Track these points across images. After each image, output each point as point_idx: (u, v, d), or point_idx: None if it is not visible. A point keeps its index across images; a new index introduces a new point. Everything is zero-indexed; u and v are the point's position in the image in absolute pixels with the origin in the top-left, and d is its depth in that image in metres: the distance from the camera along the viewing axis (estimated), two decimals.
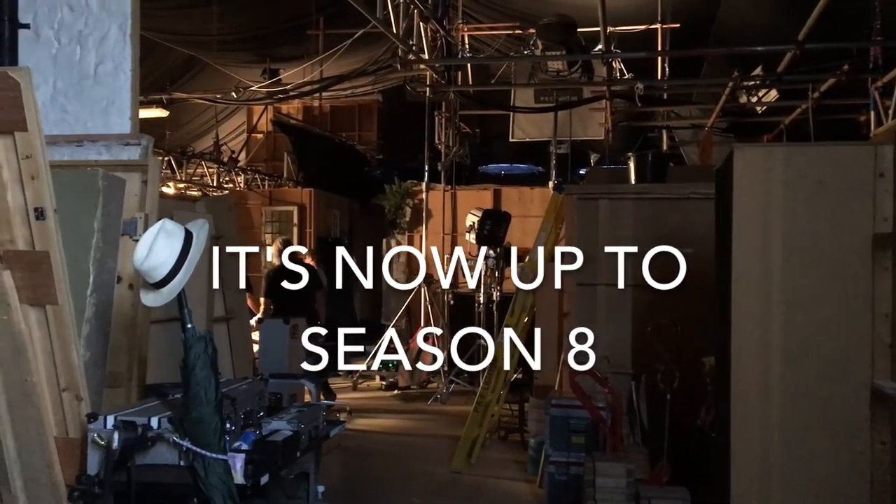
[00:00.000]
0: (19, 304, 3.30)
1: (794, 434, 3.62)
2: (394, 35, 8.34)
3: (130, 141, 4.41)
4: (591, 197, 6.12)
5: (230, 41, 11.88)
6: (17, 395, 3.33)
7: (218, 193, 13.97)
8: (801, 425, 3.61)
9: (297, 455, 3.57)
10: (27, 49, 4.44)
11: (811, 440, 3.60)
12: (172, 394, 3.40)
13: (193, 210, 6.82)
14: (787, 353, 3.65)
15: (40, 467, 3.37)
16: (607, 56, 9.12)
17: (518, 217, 10.20)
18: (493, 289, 9.80)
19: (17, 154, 3.23)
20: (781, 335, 3.66)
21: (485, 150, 13.01)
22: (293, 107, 15.54)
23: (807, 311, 3.63)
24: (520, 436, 7.38)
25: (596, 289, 5.98)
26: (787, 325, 3.64)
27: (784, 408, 3.64)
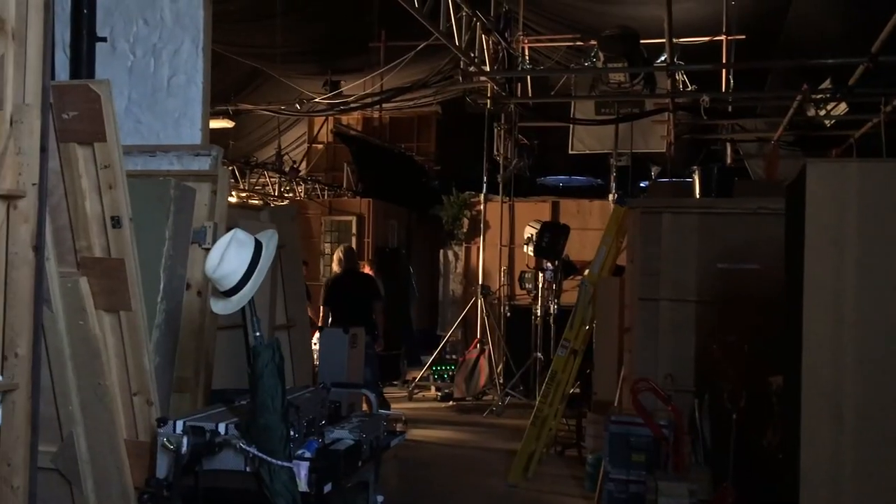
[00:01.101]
0: (95, 309, 3.40)
1: (868, 456, 3.50)
2: (456, 47, 8.38)
3: (201, 151, 4.51)
4: (654, 210, 6.03)
5: (293, 53, 12.09)
6: (90, 398, 3.43)
7: (279, 203, 14.20)
8: (876, 447, 3.49)
9: (358, 464, 3.58)
10: (104, 62, 4.60)
11: (886, 463, 3.48)
12: (238, 400, 3.46)
13: (258, 219, 6.92)
14: (860, 373, 3.53)
15: (111, 469, 3.46)
16: (672, 68, 9.01)
17: (577, 230, 10.12)
18: (551, 301, 9.73)
19: (95, 164, 3.34)
20: (855, 355, 3.55)
21: (543, 162, 12.96)
22: (353, 118, 15.72)
23: (881, 330, 3.51)
24: (577, 451, 7.29)
25: (658, 304, 5.89)
26: (861, 344, 3.53)
27: (857, 429, 3.53)
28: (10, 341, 3.12)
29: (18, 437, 3.10)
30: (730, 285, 5.70)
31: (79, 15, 4.36)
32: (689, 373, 5.78)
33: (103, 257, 3.40)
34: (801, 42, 9.29)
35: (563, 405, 7.05)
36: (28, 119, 3.12)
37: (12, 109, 3.17)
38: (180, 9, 4.68)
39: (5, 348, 3.13)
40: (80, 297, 3.36)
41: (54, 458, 3.40)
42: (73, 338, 3.38)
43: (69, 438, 3.39)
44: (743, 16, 9.71)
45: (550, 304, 9.74)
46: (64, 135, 3.36)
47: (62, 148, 3.37)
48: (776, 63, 9.82)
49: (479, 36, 9.35)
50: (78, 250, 3.42)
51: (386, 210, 14.12)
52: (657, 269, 5.90)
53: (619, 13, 9.96)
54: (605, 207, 11.14)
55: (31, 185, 3.12)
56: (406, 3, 7.17)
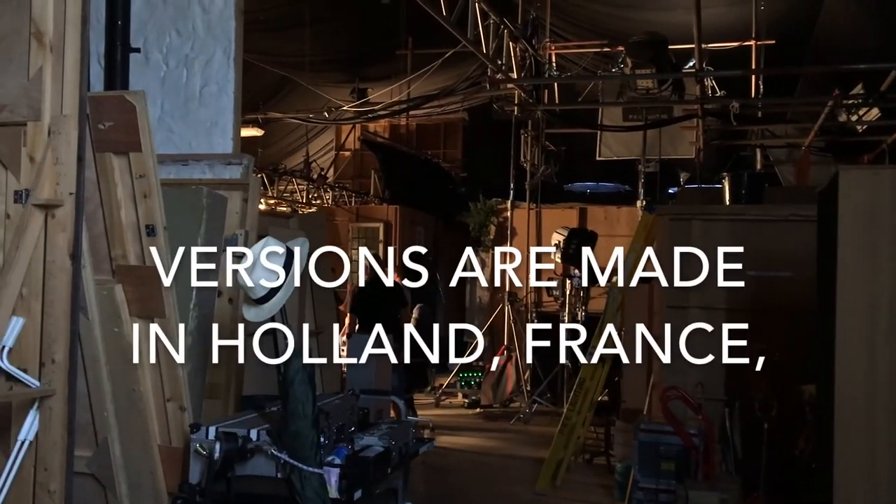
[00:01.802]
0: (129, 316, 3.46)
1: None
2: (483, 55, 8.41)
3: (232, 160, 4.57)
4: (683, 217, 5.99)
5: (321, 62, 12.19)
6: (124, 404, 3.49)
7: (307, 210, 14.30)
8: None
9: (388, 471, 3.60)
10: (137, 72, 4.68)
11: None
12: (269, 406, 3.49)
13: (287, 227, 7.00)
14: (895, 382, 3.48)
15: (144, 474, 3.51)
16: (701, 74, 8.95)
17: (604, 236, 10.06)
18: (578, 309, 9.69)
19: (131, 173, 3.40)
20: (889, 364, 3.50)
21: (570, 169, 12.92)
22: (380, 125, 15.80)
23: None
24: (605, 459, 7.25)
25: (688, 311, 5.85)
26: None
27: (892, 439, 3.48)
28: (47, 348, 3.18)
29: (55, 443, 3.15)
30: (760, 293, 5.64)
31: (113, 27, 4.43)
32: (719, 381, 5.73)
33: (138, 265, 3.45)
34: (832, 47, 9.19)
35: (592, 413, 7.01)
36: (65, 130, 3.19)
37: (50, 120, 3.23)
38: (212, 20, 4.75)
39: (42, 355, 3.19)
40: (115, 304, 3.41)
41: (89, 463, 3.45)
42: (109, 344, 3.43)
43: (104, 444, 3.44)
44: (773, 21, 9.64)
45: (578, 311, 9.69)
46: (100, 145, 3.42)
47: (98, 158, 3.43)
48: (807, 69, 9.72)
49: (506, 43, 9.37)
50: (113, 258, 3.48)
51: (413, 217, 14.16)
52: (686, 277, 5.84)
53: (646, 19, 9.93)
54: (633, 214, 11.07)
55: (68, 194, 3.18)
56: (434, 12, 7.21)
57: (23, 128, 3.27)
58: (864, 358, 3.54)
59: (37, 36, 3.28)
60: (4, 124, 3.30)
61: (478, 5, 8.26)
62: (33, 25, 3.29)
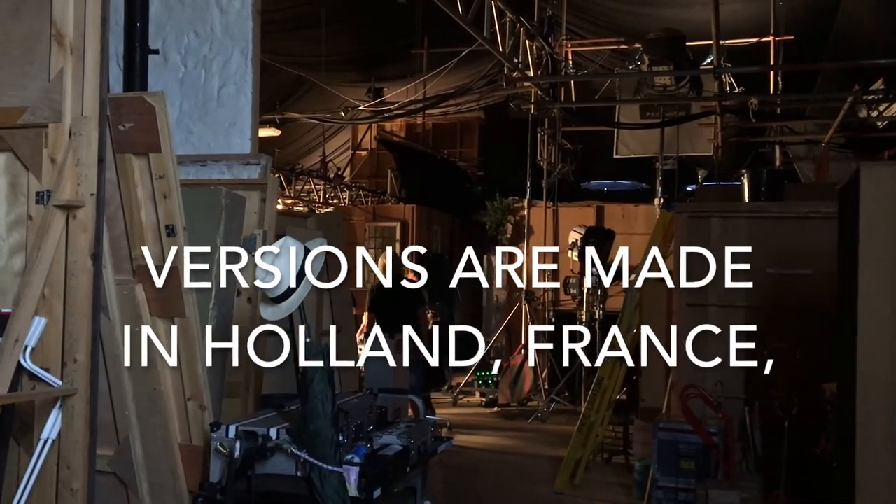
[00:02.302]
0: (150, 316, 3.48)
1: None
2: (500, 53, 8.39)
3: (251, 160, 4.58)
4: (702, 215, 5.96)
5: (337, 62, 12.21)
6: (145, 404, 3.51)
7: (323, 209, 14.34)
8: None
9: (406, 470, 3.61)
10: (156, 73, 4.71)
11: None
12: (288, 405, 3.50)
13: (304, 226, 7.01)
14: None
15: (165, 473, 3.53)
16: (719, 71, 8.89)
17: (622, 234, 10.03)
18: (596, 307, 9.66)
19: (150, 174, 3.42)
20: None
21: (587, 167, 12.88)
22: (396, 124, 15.82)
23: None
24: (624, 458, 7.23)
25: (707, 309, 5.81)
26: None
27: None
28: (69, 347, 3.21)
29: (77, 442, 3.18)
30: (780, 291, 5.61)
31: (132, 28, 4.46)
32: (739, 380, 5.70)
33: (158, 265, 3.47)
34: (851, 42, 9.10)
35: (610, 412, 6.99)
36: (86, 131, 3.22)
37: (71, 122, 3.26)
38: (230, 20, 4.77)
39: (65, 354, 3.22)
40: (135, 304, 3.44)
41: (111, 462, 3.48)
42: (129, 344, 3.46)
43: (125, 442, 3.46)
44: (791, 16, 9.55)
45: (595, 309, 9.66)
46: (120, 146, 3.45)
47: (118, 159, 3.46)
48: (826, 65, 9.63)
49: (522, 41, 9.35)
50: (134, 258, 3.50)
51: (429, 216, 14.17)
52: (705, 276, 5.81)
53: (663, 15, 9.87)
54: (650, 212, 11.02)
55: (89, 195, 3.21)
56: (450, 10, 7.20)
57: (44, 129, 3.31)
58: (886, 355, 3.50)
59: (57, 38, 3.31)
60: (26, 126, 3.33)
61: (494, 4, 8.25)
62: (54, 27, 3.33)
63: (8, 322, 3.12)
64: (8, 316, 3.17)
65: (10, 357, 3.05)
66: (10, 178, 3.40)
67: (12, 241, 3.39)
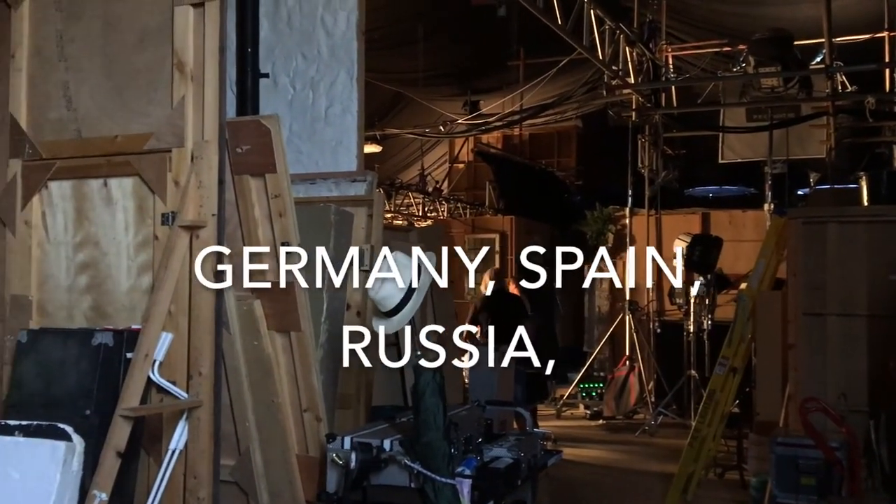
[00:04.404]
0: (267, 330, 3.60)
1: None
2: (599, 61, 8.31)
3: (357, 177, 4.70)
4: (817, 220, 5.72)
5: (434, 76, 12.37)
6: (264, 415, 3.63)
7: (422, 223, 14.50)
8: None
9: (517, 483, 3.59)
10: (266, 96, 4.89)
11: None
12: (398, 417, 3.55)
13: (406, 240, 7.11)
14: None
15: (283, 482, 3.64)
16: (830, 70, 8.52)
17: (730, 242, 9.70)
18: (704, 317, 9.38)
19: (267, 194, 3.55)
20: None
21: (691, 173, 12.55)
22: (493, 136, 15.85)
23: None
24: (738, 474, 6.98)
25: (825, 319, 5.57)
26: None
27: None
28: (194, 361, 3.36)
29: (203, 451, 3.32)
30: None
31: (243, 54, 4.65)
32: (861, 392, 5.43)
33: (275, 281, 3.60)
34: None
35: (723, 425, 6.76)
36: (207, 155, 3.37)
37: (193, 146, 3.43)
38: (335, 42, 4.91)
39: (190, 368, 3.37)
40: (254, 319, 3.57)
41: (233, 472, 3.61)
42: (249, 357, 3.59)
43: (246, 453, 3.59)
44: None
45: (703, 319, 9.38)
46: (238, 167, 3.60)
47: (236, 180, 3.61)
48: None
49: (622, 48, 9.23)
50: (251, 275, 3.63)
51: (528, 227, 14.11)
52: (822, 283, 5.60)
53: (768, 15, 9.55)
54: (759, 218, 10.64)
55: (210, 215, 3.36)
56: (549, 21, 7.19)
57: (168, 154, 3.49)
58: None
59: (179, 67, 3.49)
60: (151, 151, 3.52)
61: (593, 12, 8.18)
62: (175, 57, 3.51)
63: (138, 338, 3.30)
64: (138, 332, 3.34)
65: (141, 371, 3.22)
66: (137, 201, 3.60)
67: (140, 260, 3.58)
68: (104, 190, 3.67)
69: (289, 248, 3.55)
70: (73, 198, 3.77)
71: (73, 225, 3.77)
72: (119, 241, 3.64)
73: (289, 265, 3.56)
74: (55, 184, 3.80)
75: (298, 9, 4.99)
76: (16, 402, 3.56)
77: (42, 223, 3.83)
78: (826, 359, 5.53)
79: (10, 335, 3.77)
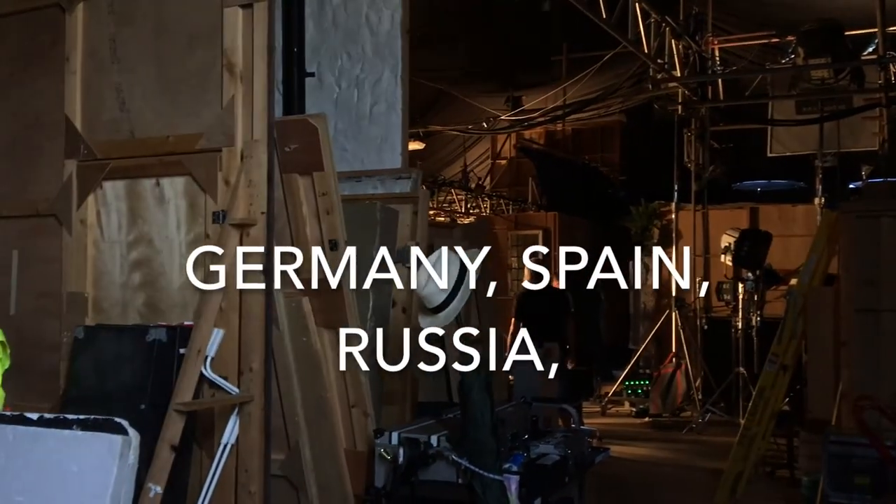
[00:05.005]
0: (315, 326, 3.64)
1: None
2: (645, 55, 8.22)
3: (402, 175, 4.73)
4: (871, 214, 5.59)
5: (475, 73, 12.35)
6: (313, 410, 3.68)
7: (465, 219, 14.51)
8: None
9: (565, 480, 3.58)
10: (312, 95, 4.94)
11: None
12: (444, 413, 3.56)
13: (450, 236, 7.13)
14: None
15: (332, 477, 3.68)
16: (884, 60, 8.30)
17: (779, 237, 9.53)
18: (753, 313, 9.23)
19: (314, 192, 3.59)
20: None
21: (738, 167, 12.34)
22: (535, 131, 15.79)
23: None
24: (789, 472, 6.86)
25: (879, 315, 5.44)
26: None
27: None
28: (245, 357, 3.41)
29: (254, 446, 3.37)
30: None
31: (290, 53, 4.70)
32: None
33: (322, 278, 3.63)
34: None
35: (773, 423, 6.65)
36: (257, 153, 3.42)
37: (242, 145, 3.48)
38: (380, 41, 4.94)
39: (241, 363, 3.42)
40: (302, 315, 3.61)
41: (283, 466, 3.66)
42: (298, 353, 3.64)
43: (295, 447, 3.64)
44: None
45: (752, 315, 9.23)
46: (286, 166, 3.64)
47: (285, 178, 3.66)
48: None
49: (668, 41, 9.11)
50: (300, 272, 3.68)
51: (572, 223, 14.03)
52: (876, 278, 5.48)
53: (818, 5, 9.34)
54: (809, 212, 10.43)
55: (260, 213, 3.41)
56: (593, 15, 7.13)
57: (218, 153, 3.55)
58: None
59: (228, 67, 3.54)
60: (202, 151, 3.59)
61: (638, 5, 8.10)
62: (225, 58, 3.56)
63: (191, 334, 3.36)
64: (190, 328, 3.41)
65: (194, 367, 3.29)
66: (188, 199, 3.67)
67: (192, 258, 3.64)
68: (157, 189, 3.75)
69: (336, 245, 3.58)
70: (127, 197, 3.85)
71: (127, 224, 3.85)
72: (171, 239, 3.71)
73: (336, 262, 3.59)
74: (109, 184, 3.89)
75: (343, 8, 5.03)
76: (73, 396, 3.66)
77: (97, 222, 3.93)
78: (880, 356, 5.41)
79: (67, 331, 3.88)
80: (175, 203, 3.70)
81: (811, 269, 6.30)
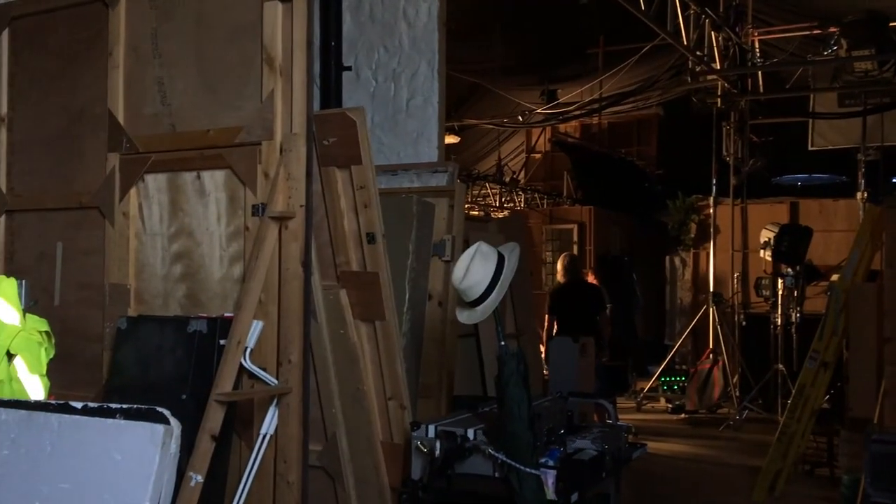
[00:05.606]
0: (353, 319, 3.66)
1: None
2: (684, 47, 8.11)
3: (438, 168, 4.73)
4: None
5: (511, 66, 12.30)
6: (350, 402, 3.70)
7: (499, 213, 14.46)
8: None
9: (602, 475, 3.56)
10: (349, 89, 4.97)
11: None
12: (480, 406, 3.56)
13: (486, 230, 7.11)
14: None
15: (369, 469, 3.70)
16: None
17: (819, 232, 9.37)
18: (792, 310, 9.08)
19: (352, 185, 3.61)
20: None
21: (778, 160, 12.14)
22: (571, 125, 15.68)
23: None
24: (829, 471, 6.75)
25: None
26: None
27: None
28: (283, 349, 3.44)
29: (292, 437, 3.41)
30: None
31: (327, 48, 4.73)
32: None
33: (360, 271, 3.65)
34: None
35: (813, 421, 6.56)
36: (296, 147, 3.44)
37: (282, 139, 3.51)
38: (416, 34, 4.95)
39: (280, 355, 3.45)
40: (340, 307, 3.64)
41: (320, 457, 3.70)
42: (335, 346, 3.66)
43: (333, 438, 3.66)
44: None
45: (792, 312, 9.08)
46: (324, 159, 3.66)
47: (323, 172, 3.68)
48: None
49: (707, 33, 8.98)
50: (337, 265, 3.71)
51: (607, 217, 13.93)
52: None
53: None
54: (852, 207, 10.23)
55: (298, 206, 3.43)
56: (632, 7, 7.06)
57: (258, 147, 3.58)
58: None
59: (268, 61, 3.57)
60: (242, 144, 3.62)
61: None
62: (264, 52, 3.59)
63: (231, 325, 3.40)
64: (230, 320, 3.45)
65: (234, 358, 3.32)
66: (228, 192, 3.71)
67: (231, 250, 3.69)
68: (197, 182, 3.80)
69: (374, 238, 3.59)
70: (168, 190, 3.91)
71: (168, 216, 3.91)
72: (212, 231, 3.76)
73: (373, 255, 3.60)
74: (151, 176, 3.95)
75: (380, 2, 5.05)
76: (116, 386, 3.73)
77: (139, 214, 3.99)
78: None
79: (110, 322, 3.95)
80: (215, 196, 3.74)
81: (854, 265, 6.19)
